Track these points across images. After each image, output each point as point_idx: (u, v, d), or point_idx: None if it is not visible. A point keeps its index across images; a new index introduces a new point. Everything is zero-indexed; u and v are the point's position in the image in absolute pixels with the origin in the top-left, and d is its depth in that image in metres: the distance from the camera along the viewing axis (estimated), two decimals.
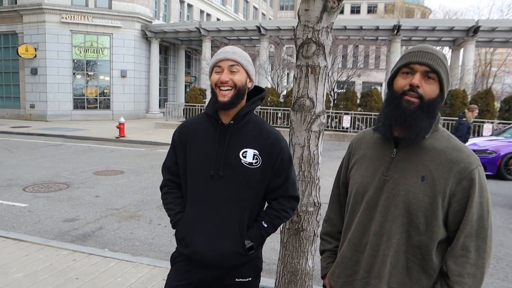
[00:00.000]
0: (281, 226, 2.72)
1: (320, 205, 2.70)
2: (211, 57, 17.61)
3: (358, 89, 31.69)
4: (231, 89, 1.87)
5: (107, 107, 24.52)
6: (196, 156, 1.94)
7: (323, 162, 2.88)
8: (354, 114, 18.77)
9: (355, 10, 72.04)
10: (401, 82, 1.50)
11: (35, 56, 22.77)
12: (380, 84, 43.14)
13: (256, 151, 1.91)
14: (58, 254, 4.55)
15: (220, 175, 1.89)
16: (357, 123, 18.85)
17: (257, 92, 2.05)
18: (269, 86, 21.66)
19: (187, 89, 28.08)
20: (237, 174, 1.89)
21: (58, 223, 6.02)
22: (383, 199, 1.54)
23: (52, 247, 4.76)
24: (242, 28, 24.29)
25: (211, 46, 24.80)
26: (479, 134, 16.56)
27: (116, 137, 15.36)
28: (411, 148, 1.52)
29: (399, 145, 1.55)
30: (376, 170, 1.58)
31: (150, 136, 15.72)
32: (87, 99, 24.27)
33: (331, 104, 20.05)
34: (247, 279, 1.99)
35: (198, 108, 20.15)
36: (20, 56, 22.75)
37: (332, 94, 20.96)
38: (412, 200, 1.47)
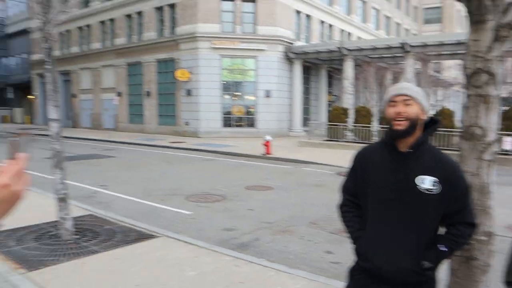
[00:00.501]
0: None
1: (493, 235, 2.57)
2: (353, 75, 17.54)
3: None
4: (405, 120, 2.02)
5: (252, 125, 25.94)
6: (376, 181, 2.11)
7: None
8: None
9: None
10: None
11: (190, 79, 25.23)
12: None
13: (434, 178, 2.01)
14: (222, 259, 4.99)
15: (399, 199, 2.03)
16: None
17: (432, 123, 2.15)
18: None
19: (329, 108, 28.29)
20: (415, 199, 2.01)
21: (218, 232, 6.58)
22: None
23: (216, 252, 5.25)
24: (384, 46, 23.82)
25: (355, 65, 24.70)
26: None
27: (263, 154, 16.14)
28: None
29: None
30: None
31: (295, 154, 16.18)
32: (234, 117, 26.00)
33: None
34: None
35: (341, 128, 20.14)
36: (177, 79, 25.48)
37: None
38: None
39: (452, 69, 38.37)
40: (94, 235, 5.86)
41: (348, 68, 24.57)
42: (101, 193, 9.40)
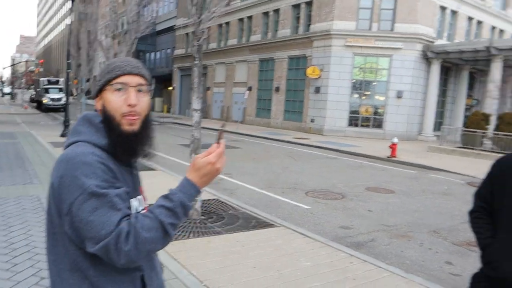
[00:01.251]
0: None
1: None
2: (500, 78, 15.90)
3: None
4: None
5: (379, 126, 25.11)
6: None
7: None
8: None
9: None
10: None
11: (320, 77, 25.29)
12: None
13: None
14: (337, 255, 5.04)
15: None
16: None
17: None
18: None
19: (467, 113, 26.18)
20: None
21: (334, 228, 6.62)
22: None
23: (331, 247, 5.30)
24: None
25: (503, 67, 22.39)
26: None
27: (388, 157, 15.61)
28: None
29: None
30: None
31: (422, 160, 15.35)
32: (360, 117, 25.46)
33: None
34: None
35: (478, 135, 18.53)
36: (307, 76, 25.73)
37: None
38: None
39: None
40: (219, 218, 6.32)
41: (496, 70, 22.31)
42: (226, 180, 10.01)
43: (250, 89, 31.74)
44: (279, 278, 4.22)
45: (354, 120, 25.45)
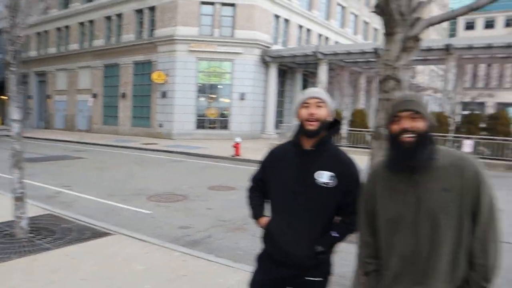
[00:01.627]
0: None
1: None
2: (327, 79, 17.84)
3: (491, 110, 29.52)
4: (317, 121, 2.26)
5: (225, 127, 26.18)
6: (281, 175, 2.36)
7: None
8: (477, 138, 17.50)
9: (489, 24, 67.02)
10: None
11: (166, 82, 25.34)
12: None
13: (331, 173, 2.27)
14: (171, 255, 5.19)
15: (300, 191, 2.28)
16: (479, 148, 17.53)
17: (335, 123, 2.41)
18: None
19: None
20: (313, 191, 2.27)
21: (174, 229, 6.78)
22: (421, 215, 1.81)
23: (167, 248, 5.44)
24: (359, 51, 24.32)
25: (328, 69, 25.16)
26: None
27: (232, 156, 16.36)
28: (426, 170, 1.82)
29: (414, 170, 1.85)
30: (404, 194, 1.86)
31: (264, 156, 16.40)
32: (208, 119, 26.18)
33: (451, 128, 18.99)
34: (317, 279, 2.34)
35: None
36: (153, 82, 25.56)
37: (453, 117, 19.87)
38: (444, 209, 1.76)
39: (424, 74, 39.31)
40: (49, 233, 5.96)
41: (322, 72, 25.03)
42: (64, 193, 9.47)
43: (95, 96, 30.27)
44: (109, 286, 4.21)
45: (202, 122, 26.07)
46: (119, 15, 29.18)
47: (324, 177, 2.25)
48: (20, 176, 5.90)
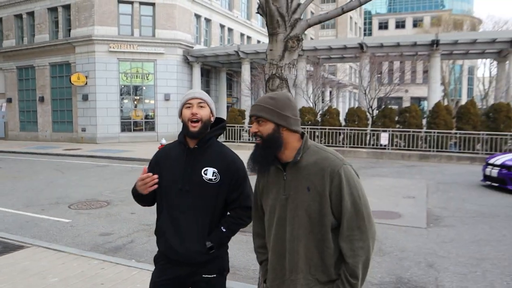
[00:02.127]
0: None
1: None
2: (250, 78, 18.13)
3: (407, 104, 31.49)
4: (199, 122, 2.40)
5: (152, 129, 25.78)
6: (168, 174, 2.46)
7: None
8: (392, 131, 18.69)
9: (400, 25, 71.53)
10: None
11: (86, 84, 24.45)
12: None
13: (215, 170, 2.42)
14: (89, 263, 5.16)
15: (187, 188, 2.41)
16: (395, 140, 18.74)
17: (218, 123, 2.57)
18: (306, 105, 22.02)
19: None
20: (199, 188, 2.40)
21: (94, 237, 6.69)
22: (288, 213, 1.96)
23: (85, 257, 5.40)
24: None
25: (250, 68, 25.57)
26: None
27: None
28: (293, 169, 1.97)
29: (286, 169, 1.99)
30: (278, 192, 2.02)
31: None
32: (134, 122, 25.65)
33: (369, 122, 20.10)
34: (212, 276, 2.48)
35: (237, 129, 20.83)
36: (73, 84, 24.54)
37: (371, 112, 21.04)
38: (307, 208, 1.90)
39: (346, 72, 41.21)
40: None
41: (245, 71, 25.42)
42: None
43: (9, 100, 28.50)
44: None
45: (127, 125, 25.49)
46: (30, 14, 27.60)
47: (208, 173, 2.39)
48: None
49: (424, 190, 10.60)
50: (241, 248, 6.06)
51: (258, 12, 3.13)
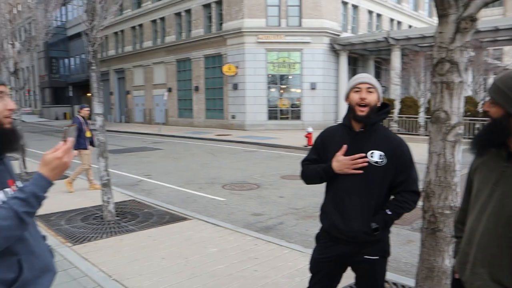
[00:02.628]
0: (421, 225, 2.97)
1: (456, 209, 2.81)
2: (400, 66, 17.23)
3: None
4: (367, 107, 2.39)
5: (298, 117, 26.20)
6: (333, 156, 2.45)
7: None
8: None
9: None
10: None
11: (236, 74, 25.86)
12: None
13: (382, 153, 2.38)
14: (244, 239, 5.43)
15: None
16: None
17: (384, 107, 2.52)
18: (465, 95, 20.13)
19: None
20: (366, 170, 2.37)
21: (247, 216, 7.04)
22: (491, 206, 1.74)
23: (240, 233, 5.70)
24: (434, 34, 23.10)
25: (401, 55, 24.25)
26: None
27: (304, 146, 16.43)
28: None
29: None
30: (489, 179, 1.80)
31: None
32: (280, 110, 26.39)
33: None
34: (374, 257, 2.45)
35: (386, 119, 19.96)
36: (224, 74, 26.18)
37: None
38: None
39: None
40: (133, 217, 6.50)
41: (396, 58, 24.15)
42: (145, 181, 10.13)
43: (170, 90, 31.60)
44: (186, 265, 4.53)
45: (274, 113, 26.31)
46: (188, 11, 30.12)
47: (375, 156, 2.36)
48: (105, 165, 6.45)
49: None
50: (392, 240, 5.78)
51: None
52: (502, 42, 24.41)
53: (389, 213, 2.38)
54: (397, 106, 20.47)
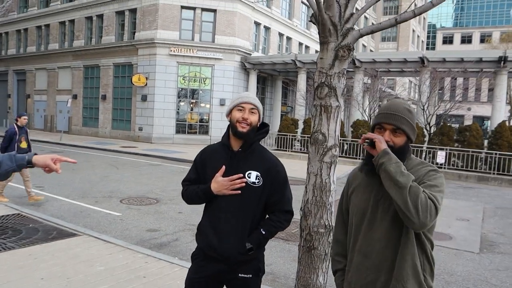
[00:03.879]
0: (298, 243, 3.14)
1: (332, 228, 3.04)
2: (305, 87, 17.97)
3: (469, 123, 30.16)
4: (249, 126, 2.44)
5: (206, 132, 26.26)
6: (213, 175, 2.48)
7: None
8: (450, 150, 17.90)
9: (466, 39, 68.81)
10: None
11: (146, 85, 25.36)
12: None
13: (258, 173, 2.44)
14: (134, 256, 5.30)
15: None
16: (452, 159, 17.91)
17: (263, 126, 2.59)
18: (361, 118, 21.61)
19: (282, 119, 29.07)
20: (243, 190, 2.42)
21: (141, 232, 6.88)
22: (379, 213, 1.94)
23: (131, 250, 5.55)
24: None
25: (306, 78, 25.47)
26: None
27: None
28: None
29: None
30: (370, 193, 2.00)
31: None
32: (188, 124, 26.25)
33: (426, 139, 19.39)
34: (248, 275, 2.48)
35: (289, 138, 20.76)
36: (133, 84, 25.55)
37: (428, 129, 20.30)
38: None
39: (404, 86, 40.04)
40: (15, 232, 6.03)
41: (301, 80, 25.35)
42: (36, 194, 9.49)
43: (75, 97, 30.09)
44: (66, 286, 4.29)
45: (182, 127, 26.12)
46: (100, 16, 29.09)
47: (252, 177, 2.42)
48: None
49: (480, 213, 10.06)
50: (283, 256, 6.02)
51: (311, 21, 3.13)
52: (394, 73, 26.73)
53: (263, 232, 2.44)
54: (301, 126, 21.39)
